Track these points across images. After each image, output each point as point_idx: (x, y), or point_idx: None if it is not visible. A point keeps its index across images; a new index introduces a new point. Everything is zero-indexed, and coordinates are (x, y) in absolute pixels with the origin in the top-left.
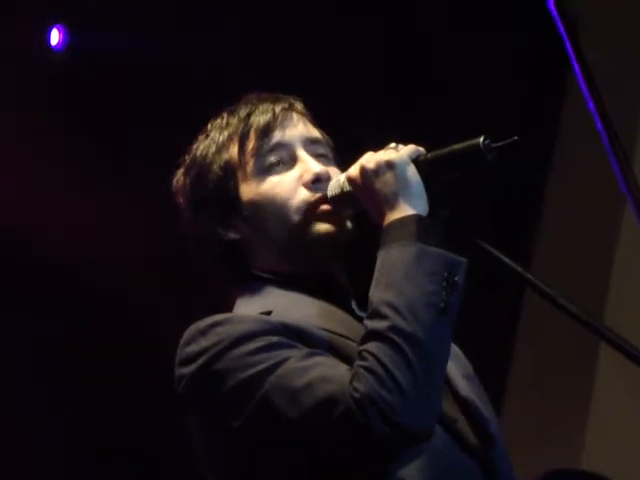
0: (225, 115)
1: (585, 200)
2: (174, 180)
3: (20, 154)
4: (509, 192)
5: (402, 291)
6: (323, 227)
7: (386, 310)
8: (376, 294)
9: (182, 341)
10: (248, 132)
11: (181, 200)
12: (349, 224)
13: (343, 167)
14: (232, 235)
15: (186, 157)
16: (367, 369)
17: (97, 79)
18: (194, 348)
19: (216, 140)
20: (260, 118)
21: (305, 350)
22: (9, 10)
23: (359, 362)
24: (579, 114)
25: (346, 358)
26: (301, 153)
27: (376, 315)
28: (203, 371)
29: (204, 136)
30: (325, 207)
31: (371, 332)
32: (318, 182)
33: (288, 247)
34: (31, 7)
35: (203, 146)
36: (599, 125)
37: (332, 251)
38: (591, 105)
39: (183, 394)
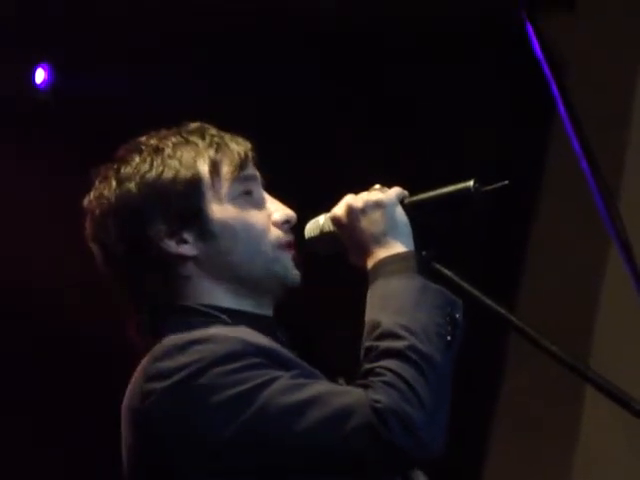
0: (183, 134)
1: (571, 241)
2: (102, 189)
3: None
4: (494, 234)
5: (415, 317)
6: (294, 271)
7: (402, 332)
8: (384, 317)
9: (152, 356)
10: (222, 156)
11: (115, 209)
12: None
13: (324, 208)
14: (184, 250)
15: (119, 169)
16: (387, 384)
17: (82, 118)
18: (169, 364)
19: (175, 155)
20: (235, 147)
21: (293, 371)
22: None
23: (374, 378)
24: (565, 156)
25: None
26: (265, 194)
27: (389, 336)
28: (181, 386)
29: (150, 149)
30: (294, 252)
31: (386, 350)
32: (287, 224)
33: (246, 275)
34: (16, 46)
35: (155, 159)
36: (584, 165)
37: (286, 293)
38: (576, 146)
39: (148, 408)
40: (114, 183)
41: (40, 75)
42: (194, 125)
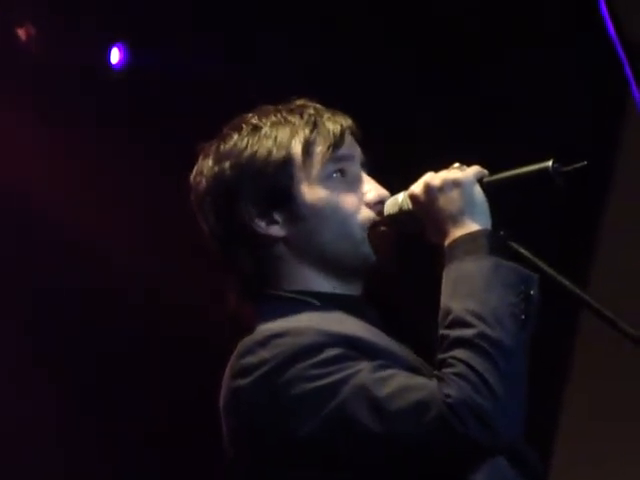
0: (282, 113)
1: None
2: (203, 165)
3: (78, 169)
4: (567, 213)
5: (485, 301)
6: (382, 251)
7: (471, 319)
8: (455, 304)
9: (236, 353)
10: (316, 136)
11: (212, 187)
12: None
13: (402, 187)
14: (274, 231)
15: (219, 146)
16: (458, 375)
17: (156, 97)
18: (251, 360)
19: (271, 135)
20: (330, 126)
21: (375, 362)
22: (72, 29)
23: (446, 369)
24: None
25: (408, 369)
26: (362, 173)
27: (459, 324)
28: (263, 381)
29: (250, 128)
30: (384, 229)
31: (456, 340)
32: (380, 204)
33: (333, 257)
34: (93, 26)
35: (252, 138)
36: None
37: (374, 273)
38: None
39: (234, 405)
40: (211, 161)
41: (115, 55)
42: (297, 102)
